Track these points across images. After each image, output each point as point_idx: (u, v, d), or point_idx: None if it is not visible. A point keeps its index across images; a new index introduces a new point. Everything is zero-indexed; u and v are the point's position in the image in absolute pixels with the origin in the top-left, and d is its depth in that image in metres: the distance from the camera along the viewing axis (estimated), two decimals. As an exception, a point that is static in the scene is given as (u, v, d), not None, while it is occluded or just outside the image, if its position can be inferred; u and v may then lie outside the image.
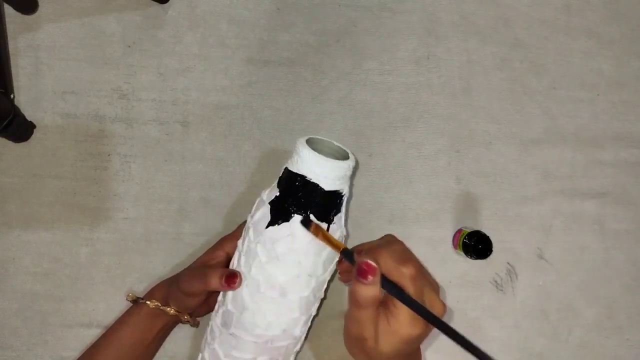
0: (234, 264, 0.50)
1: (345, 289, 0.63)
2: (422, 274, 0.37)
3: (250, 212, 0.50)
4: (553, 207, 0.68)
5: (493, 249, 0.60)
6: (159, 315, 0.53)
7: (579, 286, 0.68)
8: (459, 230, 0.65)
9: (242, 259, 0.48)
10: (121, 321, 0.53)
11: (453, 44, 0.68)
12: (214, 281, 0.47)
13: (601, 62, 0.72)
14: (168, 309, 0.52)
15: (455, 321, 0.65)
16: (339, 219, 0.49)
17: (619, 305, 0.69)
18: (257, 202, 0.50)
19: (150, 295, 0.54)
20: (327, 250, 0.47)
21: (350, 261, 0.40)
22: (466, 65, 0.68)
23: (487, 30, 0.69)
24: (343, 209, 0.49)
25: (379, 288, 0.35)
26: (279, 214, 0.46)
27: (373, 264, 0.35)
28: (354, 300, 0.36)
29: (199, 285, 0.49)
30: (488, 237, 0.60)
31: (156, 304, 0.52)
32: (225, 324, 0.49)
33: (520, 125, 0.69)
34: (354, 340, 0.38)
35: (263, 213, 0.47)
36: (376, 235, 0.59)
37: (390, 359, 0.37)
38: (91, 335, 0.59)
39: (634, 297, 0.69)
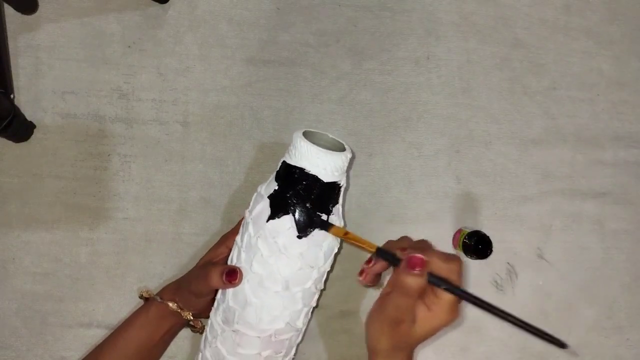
0: (232, 260, 0.50)
1: (345, 290, 0.63)
2: (463, 267, 0.44)
3: (248, 208, 0.50)
4: (553, 207, 0.68)
5: (493, 249, 0.60)
6: (166, 317, 0.52)
7: (579, 286, 0.68)
8: (459, 230, 0.65)
9: (243, 254, 0.48)
10: (128, 322, 0.53)
11: (453, 44, 0.68)
12: (215, 278, 0.47)
13: (601, 62, 0.72)
14: (185, 312, 0.52)
15: (455, 321, 0.65)
16: (337, 210, 0.49)
17: (619, 305, 0.69)
18: (254, 196, 0.50)
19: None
20: (328, 241, 0.48)
21: (388, 259, 0.43)
22: (466, 65, 0.68)
23: (487, 30, 0.69)
24: (341, 199, 0.49)
25: (426, 279, 0.40)
26: (279, 207, 0.46)
27: (423, 257, 0.40)
28: (400, 288, 0.40)
29: (204, 285, 0.49)
30: (488, 237, 0.60)
31: (175, 305, 0.52)
32: (227, 321, 0.49)
33: (520, 125, 0.69)
34: (388, 322, 0.42)
35: (262, 207, 0.47)
36: (376, 235, 0.59)
37: (418, 342, 0.42)
38: (91, 335, 0.59)
39: (634, 297, 0.69)
